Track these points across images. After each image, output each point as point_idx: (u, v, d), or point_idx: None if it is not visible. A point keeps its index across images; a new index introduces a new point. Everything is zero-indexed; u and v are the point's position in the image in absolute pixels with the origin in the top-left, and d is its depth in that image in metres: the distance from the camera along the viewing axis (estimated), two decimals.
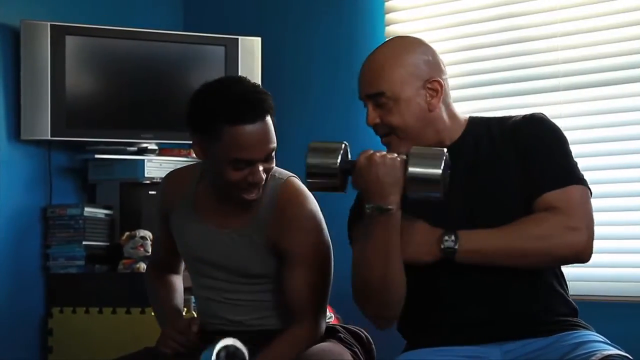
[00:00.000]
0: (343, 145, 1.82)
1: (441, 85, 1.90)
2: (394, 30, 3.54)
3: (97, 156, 3.45)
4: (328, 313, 2.26)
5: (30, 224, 3.42)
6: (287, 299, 2.07)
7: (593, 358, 1.69)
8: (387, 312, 1.88)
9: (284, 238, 2.06)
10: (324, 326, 2.11)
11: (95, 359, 3.17)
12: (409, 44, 1.97)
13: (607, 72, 3.11)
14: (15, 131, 3.36)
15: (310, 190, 2.06)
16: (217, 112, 1.95)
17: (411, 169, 1.74)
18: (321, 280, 2.09)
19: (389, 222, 1.76)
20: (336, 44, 3.69)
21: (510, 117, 1.96)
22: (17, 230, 3.38)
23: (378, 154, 1.77)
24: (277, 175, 2.12)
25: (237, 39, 3.65)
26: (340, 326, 2.21)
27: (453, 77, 3.43)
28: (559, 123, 3.19)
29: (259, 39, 3.68)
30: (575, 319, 1.88)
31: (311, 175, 1.82)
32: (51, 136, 3.35)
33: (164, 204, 2.23)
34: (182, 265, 2.33)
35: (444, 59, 3.39)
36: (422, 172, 1.73)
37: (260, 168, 1.99)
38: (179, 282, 2.33)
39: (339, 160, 1.79)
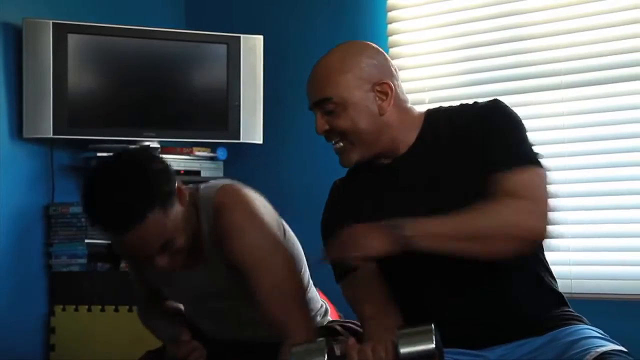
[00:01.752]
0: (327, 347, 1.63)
1: (391, 88, 1.83)
2: (396, 28, 3.54)
3: (99, 154, 3.44)
4: (324, 306, 2.25)
5: (33, 222, 3.43)
6: (262, 314, 1.93)
7: (588, 356, 1.66)
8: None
9: (228, 251, 1.93)
10: (313, 323, 2.02)
11: (98, 357, 3.18)
12: (355, 48, 1.91)
13: (609, 70, 3.10)
14: (17, 129, 3.37)
15: None
16: (89, 218, 1.87)
17: (403, 351, 1.58)
18: (285, 280, 1.94)
19: None
20: (338, 41, 3.64)
21: (467, 107, 1.90)
22: (19, 229, 3.39)
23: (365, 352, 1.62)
24: (204, 196, 1.97)
25: (239, 37, 3.65)
26: (339, 325, 2.18)
27: (454, 75, 3.44)
28: (560, 121, 3.23)
29: (261, 37, 3.68)
30: (567, 311, 1.84)
31: None
32: (53, 134, 3.35)
33: (130, 261, 2.17)
34: None
35: (445, 57, 3.46)
36: (415, 351, 1.58)
37: (160, 258, 1.85)
38: (168, 304, 2.25)
39: None
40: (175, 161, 3.54)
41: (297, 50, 3.81)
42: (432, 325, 1.59)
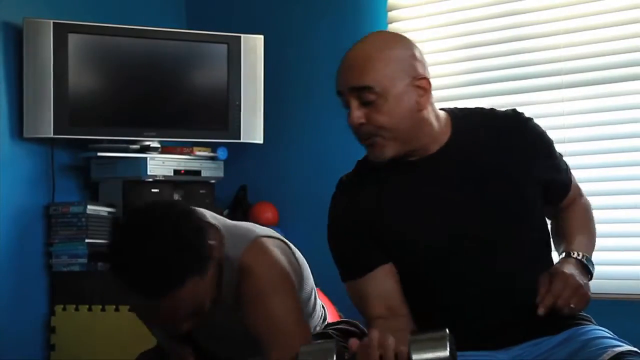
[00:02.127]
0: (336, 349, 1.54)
1: (429, 84, 1.78)
2: (396, 28, 3.53)
3: (99, 154, 3.45)
4: (323, 313, 2.24)
5: (33, 222, 3.43)
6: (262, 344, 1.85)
7: (604, 355, 1.65)
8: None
9: (246, 316, 1.86)
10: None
11: (98, 357, 3.18)
12: (395, 38, 1.83)
13: (609, 70, 3.11)
14: (18, 129, 3.36)
15: None
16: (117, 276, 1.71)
17: (415, 357, 1.48)
18: (293, 326, 1.86)
19: None
20: (338, 42, 3.66)
21: (493, 113, 1.91)
22: (20, 229, 3.38)
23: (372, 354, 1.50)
24: (230, 255, 1.85)
25: (240, 37, 3.65)
26: (331, 328, 2.16)
27: (455, 74, 3.44)
28: (561, 121, 3.24)
29: (262, 36, 3.68)
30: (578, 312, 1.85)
31: None
32: (54, 134, 3.35)
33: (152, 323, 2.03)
34: None
35: (446, 57, 3.46)
36: (428, 359, 1.48)
37: (185, 323, 1.76)
38: None
39: None
40: (176, 161, 3.54)
41: (297, 50, 3.81)
42: (447, 331, 1.51)
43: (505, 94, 3.31)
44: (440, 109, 1.88)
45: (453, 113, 1.89)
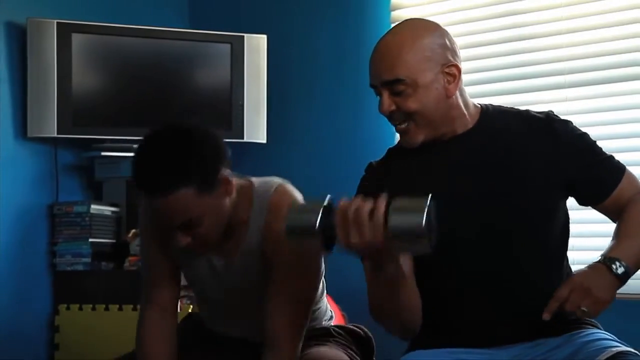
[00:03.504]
0: (325, 203, 1.60)
1: (459, 71, 1.84)
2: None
3: (103, 154, 3.46)
4: (329, 312, 2.26)
5: (37, 221, 3.44)
6: (266, 321, 1.95)
7: (601, 355, 1.66)
8: (405, 328, 1.86)
9: (273, 250, 1.96)
10: (299, 352, 1.99)
11: (102, 356, 3.18)
12: (425, 27, 1.86)
13: (612, 70, 3.11)
14: (21, 129, 3.37)
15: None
16: (132, 171, 1.91)
17: (392, 224, 1.54)
18: (305, 302, 2.00)
19: (389, 274, 1.68)
20: (342, 41, 3.70)
21: (527, 112, 1.93)
22: (23, 228, 3.39)
23: (353, 235, 1.57)
24: (261, 190, 2.01)
25: (243, 36, 3.65)
26: (335, 328, 2.19)
27: None
28: None
29: (265, 36, 3.69)
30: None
31: (290, 235, 1.63)
32: (57, 134, 3.36)
33: (150, 235, 2.11)
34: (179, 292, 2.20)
35: None
36: (404, 228, 1.52)
37: (180, 234, 1.88)
38: (172, 322, 2.15)
39: (317, 222, 1.58)
40: None
41: (300, 50, 3.82)
42: (429, 197, 1.54)
43: (507, 94, 3.31)
44: (478, 104, 1.95)
45: (486, 106, 1.95)
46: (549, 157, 1.83)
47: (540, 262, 1.84)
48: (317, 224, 1.57)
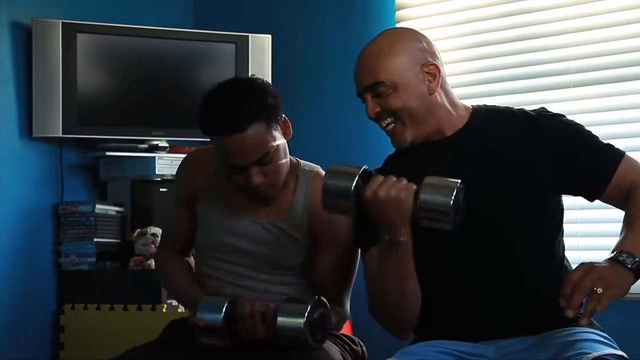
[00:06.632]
0: (361, 170, 1.78)
1: (438, 69, 1.89)
2: (404, 26, 3.53)
3: (108, 153, 3.47)
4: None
5: (42, 221, 3.44)
6: (316, 279, 2.11)
7: (584, 358, 1.64)
8: (404, 325, 1.89)
9: (322, 228, 2.08)
10: (348, 307, 2.16)
11: (107, 356, 3.18)
12: (401, 32, 2.00)
13: (619, 69, 3.10)
14: (27, 129, 3.38)
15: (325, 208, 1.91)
16: (201, 122, 2.01)
17: (423, 197, 1.71)
18: (351, 263, 2.13)
19: (401, 251, 1.76)
20: (347, 41, 3.69)
21: (520, 110, 1.95)
22: (28, 228, 3.40)
23: (383, 189, 1.73)
24: (306, 168, 2.17)
25: (248, 36, 3.65)
26: (334, 334, 2.18)
27: (463, 73, 3.43)
28: None
29: (269, 36, 3.69)
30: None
31: (326, 195, 1.79)
32: (63, 134, 3.36)
33: (190, 183, 2.20)
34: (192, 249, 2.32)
35: (454, 55, 3.46)
36: (433, 202, 1.70)
37: (255, 171, 2.00)
38: (191, 262, 2.31)
39: (353, 185, 1.75)
40: None
41: (305, 50, 3.81)
42: (459, 181, 1.71)
43: (513, 93, 3.30)
44: (470, 106, 1.98)
45: (478, 107, 1.98)
46: (536, 154, 1.85)
47: (534, 260, 1.84)
48: (353, 187, 1.74)
